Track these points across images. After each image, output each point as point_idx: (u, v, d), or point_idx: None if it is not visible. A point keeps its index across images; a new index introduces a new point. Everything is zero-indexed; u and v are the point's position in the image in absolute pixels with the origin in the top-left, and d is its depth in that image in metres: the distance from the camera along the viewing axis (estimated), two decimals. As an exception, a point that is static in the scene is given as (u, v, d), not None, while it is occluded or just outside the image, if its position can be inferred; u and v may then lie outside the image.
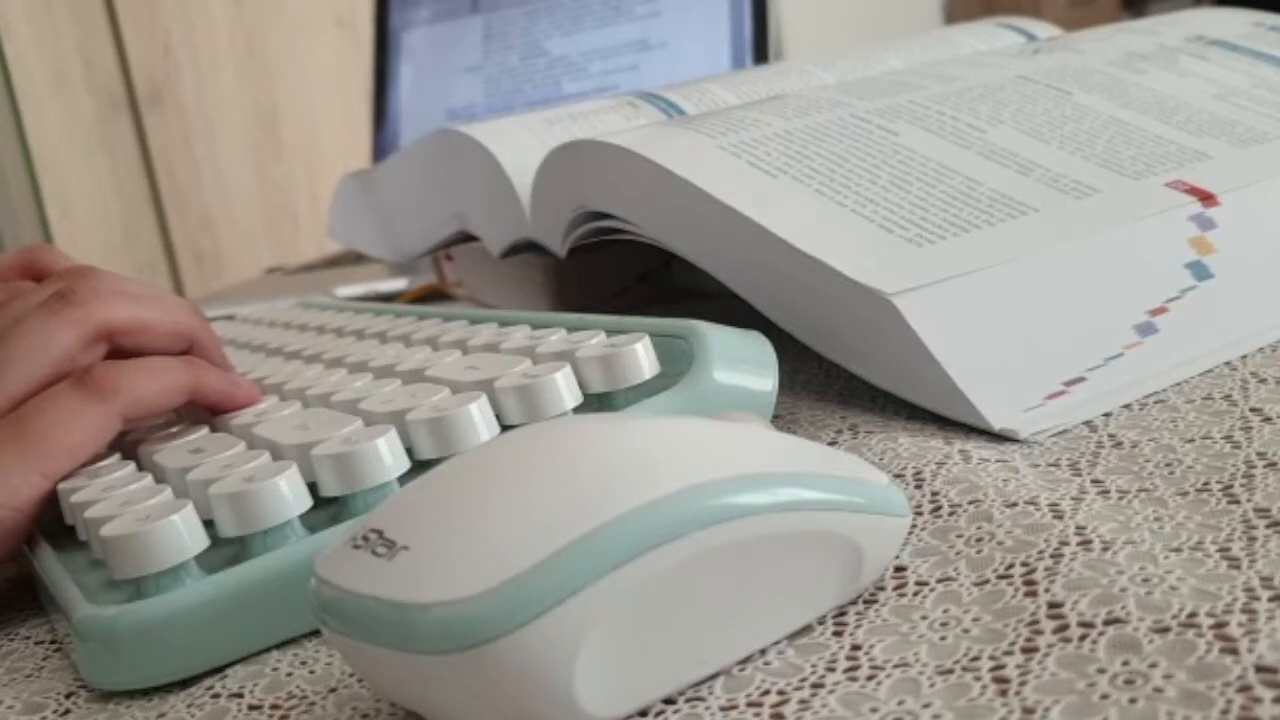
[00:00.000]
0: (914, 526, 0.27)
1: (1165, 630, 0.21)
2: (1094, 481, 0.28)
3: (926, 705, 0.20)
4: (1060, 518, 0.26)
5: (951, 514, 0.27)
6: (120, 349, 0.35)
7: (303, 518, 0.28)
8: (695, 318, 0.34)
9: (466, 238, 0.55)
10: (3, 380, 0.33)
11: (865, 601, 0.24)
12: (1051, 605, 0.22)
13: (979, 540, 0.26)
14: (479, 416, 0.30)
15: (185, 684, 0.27)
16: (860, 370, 0.35)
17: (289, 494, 0.28)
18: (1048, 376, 0.33)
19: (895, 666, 0.22)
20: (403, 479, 0.29)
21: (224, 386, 0.36)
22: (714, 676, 0.22)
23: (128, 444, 0.36)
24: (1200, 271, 0.36)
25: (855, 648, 0.23)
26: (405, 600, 0.20)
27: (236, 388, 0.36)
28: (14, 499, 0.31)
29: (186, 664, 0.27)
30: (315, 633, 0.28)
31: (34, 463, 0.31)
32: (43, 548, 0.32)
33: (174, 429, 0.36)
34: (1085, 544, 0.24)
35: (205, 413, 0.37)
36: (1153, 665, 0.20)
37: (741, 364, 0.32)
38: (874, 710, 0.21)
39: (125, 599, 0.27)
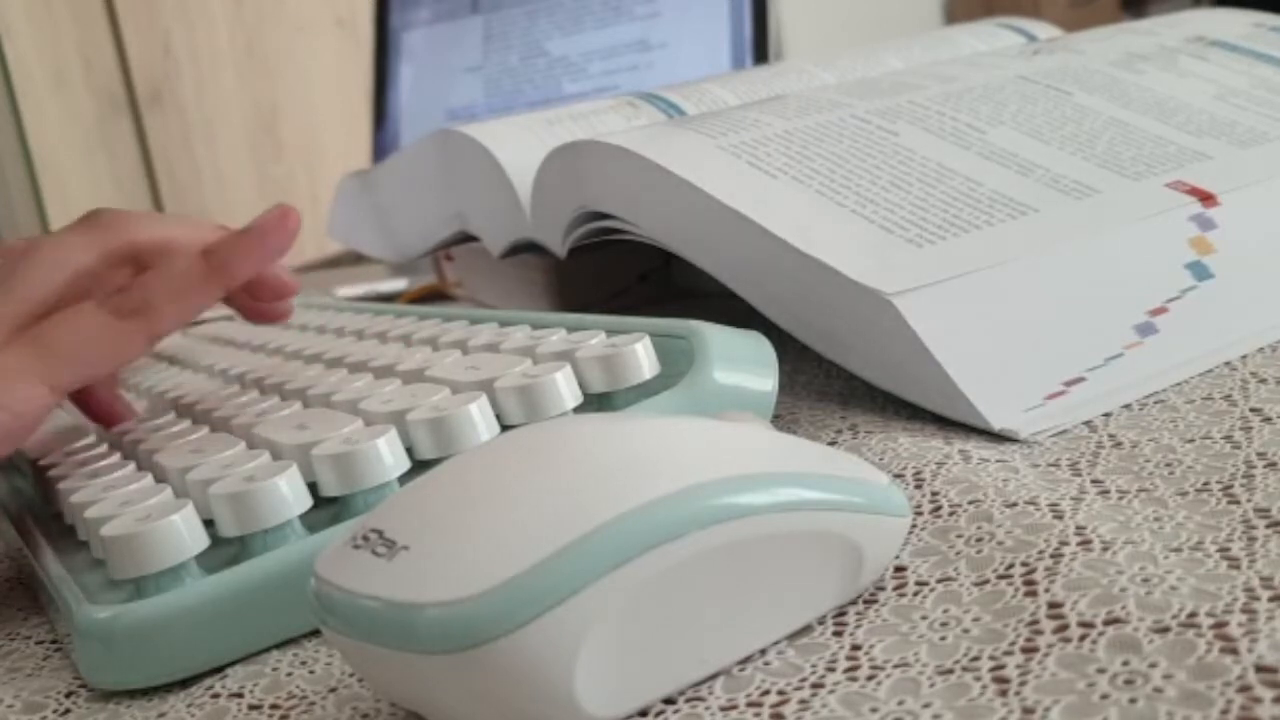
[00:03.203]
0: (914, 526, 0.27)
1: (1165, 630, 0.21)
2: (1094, 481, 0.28)
3: (926, 705, 0.20)
4: (1060, 518, 0.26)
5: (951, 514, 0.27)
6: (148, 269, 0.34)
7: (303, 518, 0.28)
8: (695, 318, 0.34)
9: (466, 238, 0.55)
10: (16, 286, 0.32)
11: (865, 601, 0.24)
12: (1051, 605, 0.22)
13: (979, 540, 0.26)
14: (479, 416, 0.30)
15: (185, 684, 0.27)
16: (860, 370, 0.35)
17: (289, 494, 0.28)
18: (1048, 376, 0.33)
19: (895, 666, 0.22)
20: (403, 479, 0.29)
21: (252, 253, 0.34)
22: (714, 676, 0.22)
23: (127, 444, 0.36)
24: (1200, 271, 0.36)
25: (855, 648, 0.23)
26: (405, 600, 0.20)
27: (266, 237, 0.34)
28: (15, 404, 0.30)
29: (186, 664, 0.27)
30: (315, 633, 0.28)
31: (44, 373, 0.31)
32: (43, 548, 0.32)
33: (174, 429, 0.36)
34: (1085, 544, 0.24)
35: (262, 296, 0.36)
36: (1153, 665, 0.20)
37: (741, 364, 0.32)
38: (874, 710, 0.21)
39: (125, 599, 0.27)
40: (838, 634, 0.23)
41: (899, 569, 0.25)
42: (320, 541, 0.28)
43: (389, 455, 0.29)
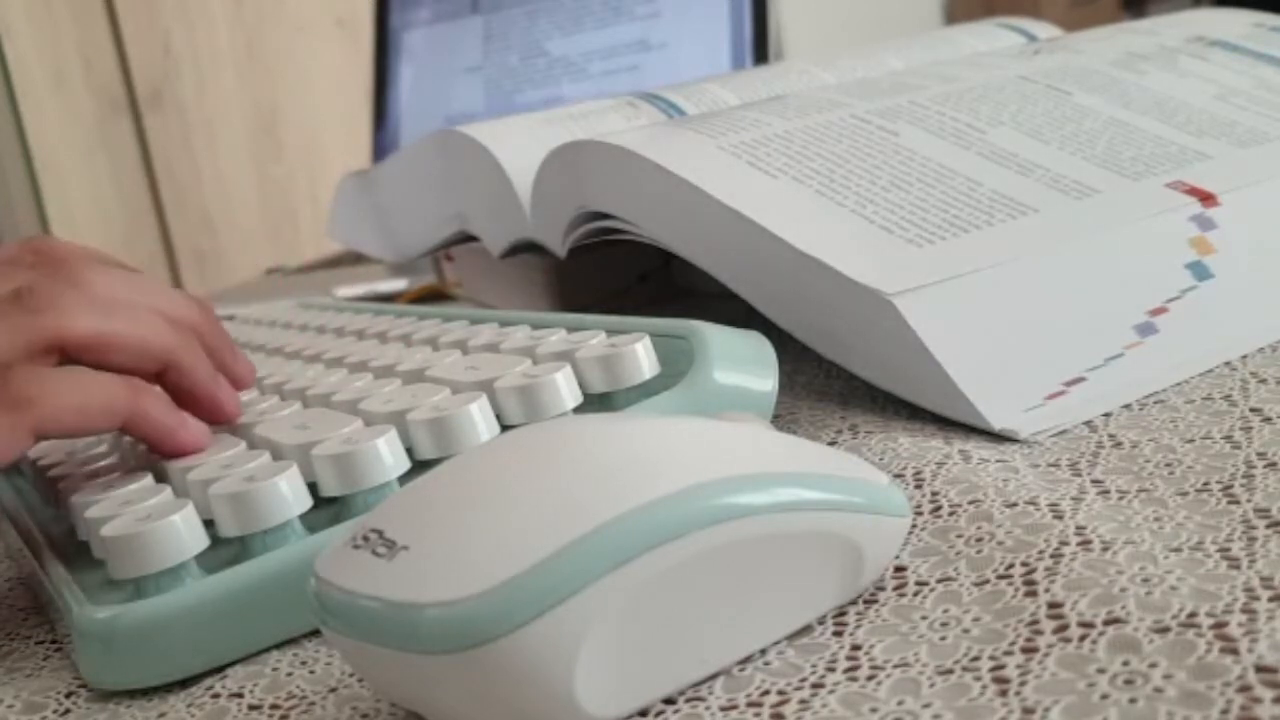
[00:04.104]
0: (914, 526, 0.27)
1: (1165, 630, 0.21)
2: (1094, 481, 0.28)
3: (926, 705, 0.20)
4: (1060, 518, 0.26)
5: (951, 514, 0.27)
6: (80, 364, 0.31)
7: (303, 518, 0.28)
8: (695, 318, 0.34)
9: (466, 238, 0.55)
10: None
11: (865, 601, 0.24)
12: (1051, 605, 0.22)
13: (979, 540, 0.26)
14: (479, 416, 0.30)
15: (185, 684, 0.27)
16: (860, 370, 0.35)
17: (289, 494, 0.28)
18: (1048, 376, 0.33)
19: (895, 666, 0.22)
20: (403, 479, 0.29)
21: (166, 422, 0.31)
22: (714, 676, 0.22)
23: (127, 444, 0.36)
24: (1200, 272, 0.36)
25: (855, 648, 0.23)
26: (405, 600, 0.20)
27: (183, 430, 0.31)
28: None
29: (186, 664, 0.27)
30: (315, 633, 0.28)
31: None
32: (43, 547, 0.32)
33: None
34: (1085, 544, 0.24)
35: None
36: (1153, 665, 0.20)
37: (741, 364, 0.32)
38: (874, 710, 0.21)
39: (125, 599, 0.27)
40: (838, 634, 0.23)
41: (899, 569, 0.25)
42: (320, 541, 0.28)
43: (389, 455, 0.29)
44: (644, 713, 0.22)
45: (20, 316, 0.30)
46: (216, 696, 0.26)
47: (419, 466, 0.29)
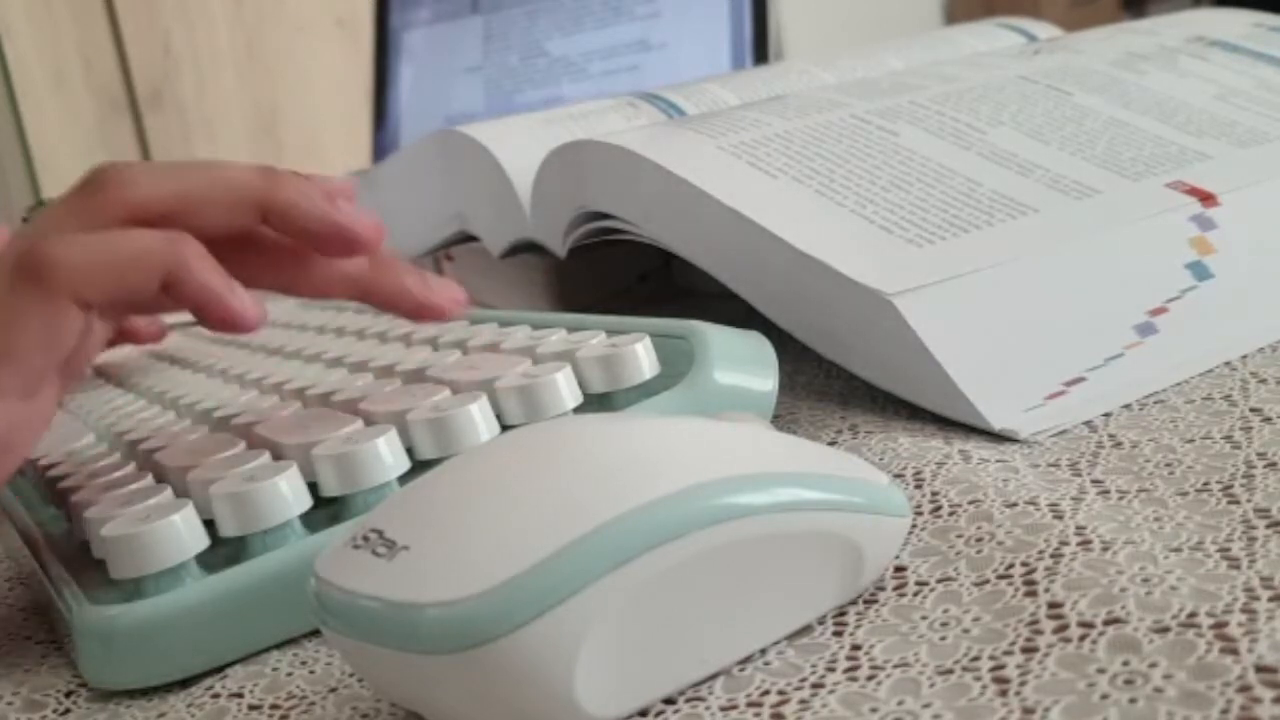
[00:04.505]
0: (914, 526, 0.27)
1: (1165, 630, 0.21)
2: (1094, 482, 0.28)
3: (926, 705, 0.20)
4: (1060, 518, 0.26)
5: (951, 514, 0.27)
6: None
7: (303, 518, 0.28)
8: (695, 318, 0.34)
9: (466, 238, 0.55)
10: None
11: (865, 601, 0.24)
12: (1051, 605, 0.22)
13: (979, 540, 0.26)
14: (479, 416, 0.30)
15: (185, 684, 0.27)
16: (860, 370, 0.35)
17: (289, 494, 0.28)
18: (1048, 376, 0.33)
19: (895, 666, 0.22)
20: (403, 479, 0.29)
21: (214, 284, 0.26)
22: (714, 676, 0.22)
23: (128, 444, 0.36)
24: (1200, 272, 0.36)
25: (855, 648, 0.23)
26: (405, 600, 0.20)
27: (231, 295, 0.27)
28: None
29: (186, 664, 0.27)
30: (315, 633, 0.28)
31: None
32: (43, 547, 0.32)
33: (174, 429, 0.36)
34: (1085, 544, 0.24)
35: (200, 321, 0.28)
36: (1153, 665, 0.20)
37: (742, 364, 0.32)
38: (874, 710, 0.21)
39: (125, 599, 0.27)
40: (838, 634, 0.23)
41: (899, 569, 0.25)
42: (320, 541, 0.28)
43: (389, 455, 0.29)
44: (644, 713, 0.22)
45: (85, 200, 0.27)
46: (216, 696, 0.26)
47: (419, 466, 0.29)
